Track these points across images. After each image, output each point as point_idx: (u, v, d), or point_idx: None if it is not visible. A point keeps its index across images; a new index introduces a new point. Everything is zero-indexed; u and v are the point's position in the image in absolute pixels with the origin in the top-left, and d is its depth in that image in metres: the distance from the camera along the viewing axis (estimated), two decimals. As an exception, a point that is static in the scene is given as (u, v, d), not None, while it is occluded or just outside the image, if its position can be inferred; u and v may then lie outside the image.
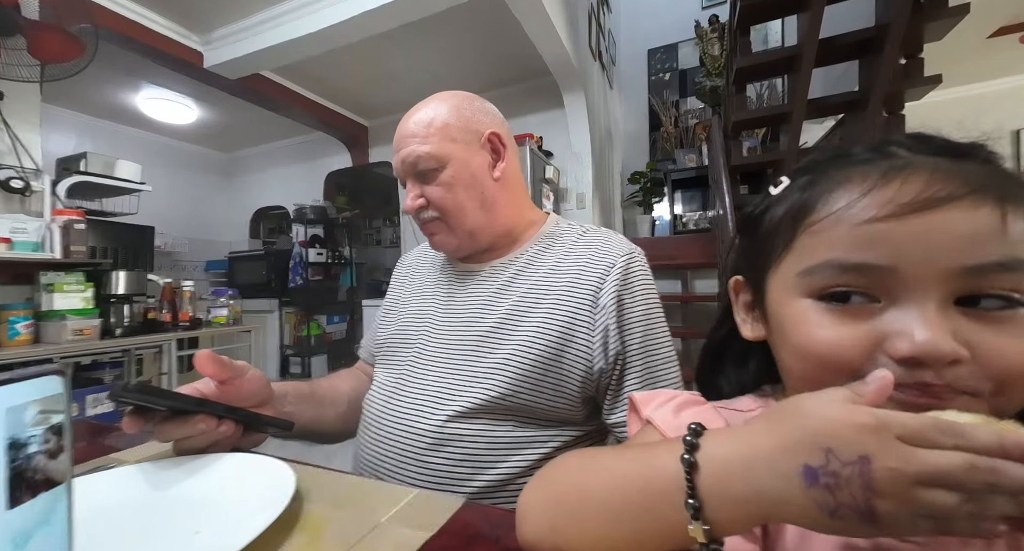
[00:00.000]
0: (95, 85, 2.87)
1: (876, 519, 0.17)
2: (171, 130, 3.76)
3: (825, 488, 0.18)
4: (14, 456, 0.16)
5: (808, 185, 0.28)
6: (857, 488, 0.18)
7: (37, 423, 0.17)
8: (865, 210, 0.24)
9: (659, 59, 4.12)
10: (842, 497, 0.18)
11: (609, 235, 0.60)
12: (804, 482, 0.19)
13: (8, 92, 1.64)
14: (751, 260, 0.32)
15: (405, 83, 3.05)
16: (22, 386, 0.17)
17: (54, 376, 0.18)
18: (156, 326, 1.89)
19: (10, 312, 1.52)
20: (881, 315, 0.24)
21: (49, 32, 1.58)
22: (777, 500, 0.20)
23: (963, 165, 0.24)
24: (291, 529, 0.32)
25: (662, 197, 3.68)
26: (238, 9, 2.28)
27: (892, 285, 0.24)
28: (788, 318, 0.28)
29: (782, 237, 0.29)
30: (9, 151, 1.64)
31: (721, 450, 0.22)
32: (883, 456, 0.18)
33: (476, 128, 0.59)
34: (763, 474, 0.20)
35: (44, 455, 0.17)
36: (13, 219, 1.59)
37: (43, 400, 0.17)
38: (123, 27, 2.15)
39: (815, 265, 0.26)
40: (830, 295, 0.25)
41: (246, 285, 3.70)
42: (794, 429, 0.20)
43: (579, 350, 0.51)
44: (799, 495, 0.19)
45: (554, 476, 0.30)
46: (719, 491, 0.21)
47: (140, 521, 0.34)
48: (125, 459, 0.45)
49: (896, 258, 0.23)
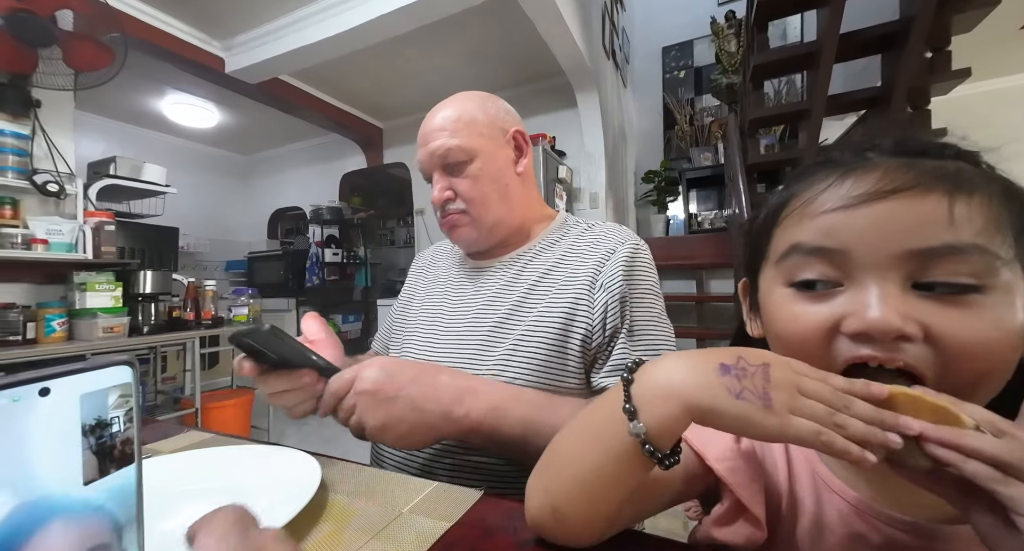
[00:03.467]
0: (123, 91, 2.97)
1: (771, 403, 0.23)
2: (194, 134, 3.87)
3: (735, 377, 0.24)
4: (100, 434, 0.18)
5: (786, 186, 0.32)
6: (759, 379, 0.23)
7: (117, 406, 0.19)
8: (822, 203, 0.28)
9: (674, 57, 4.07)
10: (747, 383, 0.23)
11: (614, 227, 0.61)
12: (719, 372, 0.24)
13: (45, 100, 1.72)
14: (748, 261, 0.35)
15: (418, 85, 3.08)
16: (101, 373, 0.19)
17: (125, 366, 0.20)
18: (180, 324, 1.95)
19: (46, 310, 1.59)
20: (841, 296, 0.27)
21: (82, 42, 1.65)
22: (695, 390, 0.24)
23: (921, 162, 0.26)
24: (318, 518, 0.33)
25: (676, 196, 3.63)
26: (258, 15, 2.33)
27: (850, 269, 0.26)
28: (770, 307, 0.31)
29: (765, 235, 0.32)
30: (45, 156, 1.72)
31: (656, 367, 0.27)
32: (780, 368, 0.24)
33: (501, 125, 0.61)
34: (686, 374, 0.25)
35: (121, 435, 0.19)
36: (49, 221, 1.66)
37: (120, 386, 0.19)
38: (149, 35, 2.22)
39: (784, 251, 0.29)
40: (800, 283, 0.28)
41: (264, 285, 3.79)
42: (716, 349, 0.26)
43: (581, 329, 0.52)
44: (713, 383, 0.24)
45: (545, 453, 0.32)
46: (651, 395, 0.26)
47: (177, 507, 0.36)
48: (160, 450, 0.47)
49: (848, 243, 0.26)
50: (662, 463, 0.25)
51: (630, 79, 4.01)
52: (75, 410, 0.18)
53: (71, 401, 0.17)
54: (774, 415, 0.22)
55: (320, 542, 0.31)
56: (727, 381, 0.23)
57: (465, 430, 0.45)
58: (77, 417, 0.18)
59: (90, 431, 0.18)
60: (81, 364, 0.18)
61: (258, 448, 0.44)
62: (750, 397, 0.23)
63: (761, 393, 0.23)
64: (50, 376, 0.17)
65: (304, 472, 0.37)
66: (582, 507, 0.29)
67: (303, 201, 4.16)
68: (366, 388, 0.43)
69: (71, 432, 0.17)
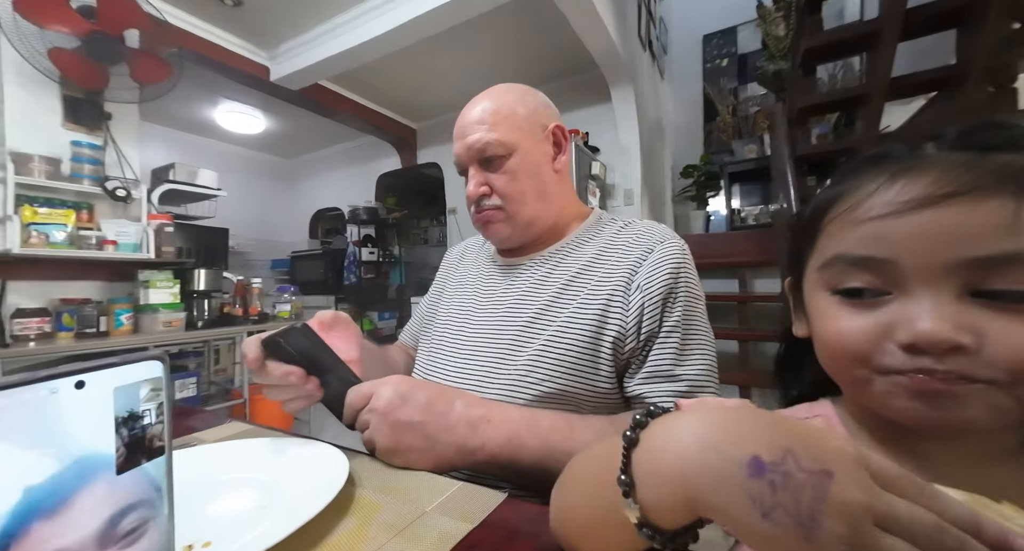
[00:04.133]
0: (180, 102, 3.20)
1: (814, 535, 0.15)
2: (242, 139, 4.12)
3: (769, 484, 0.16)
4: (132, 426, 0.19)
5: (833, 185, 0.30)
6: (807, 496, 0.16)
7: (148, 399, 0.20)
8: (869, 208, 0.26)
9: (716, 45, 3.88)
10: (784, 499, 0.16)
11: (651, 225, 0.59)
12: (747, 471, 0.17)
13: (115, 113, 1.88)
14: (793, 261, 0.33)
15: (450, 85, 3.12)
16: (133, 367, 0.19)
17: (156, 361, 0.20)
18: (230, 319, 2.08)
19: (116, 305, 1.74)
20: (889, 306, 0.25)
21: (146, 58, 1.79)
22: (708, 484, 0.17)
23: (986, 158, 0.24)
24: (344, 512, 0.34)
25: (718, 191, 3.47)
26: (300, 24, 2.44)
27: (899, 278, 0.25)
28: (813, 312, 0.30)
29: (809, 235, 0.30)
30: (115, 164, 1.88)
31: (668, 432, 0.20)
32: (849, 480, 0.16)
33: (540, 120, 0.59)
34: (704, 455, 0.18)
35: (152, 427, 0.20)
36: (118, 224, 1.81)
37: (152, 380, 0.20)
38: (203, 48, 2.38)
39: (828, 259, 0.28)
40: (845, 290, 0.27)
41: (306, 282, 3.97)
42: (762, 423, 0.18)
43: (614, 332, 0.50)
44: (735, 484, 0.17)
45: (558, 482, 0.30)
46: (652, 469, 0.20)
47: (216, 494, 0.37)
48: (204, 439, 0.50)
49: (896, 253, 0.24)
50: (663, 545, 0.20)
51: (668, 70, 3.87)
52: (108, 402, 0.18)
53: (105, 394, 0.18)
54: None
55: (346, 536, 0.31)
56: (755, 487, 0.16)
57: (481, 462, 0.43)
58: (111, 409, 0.18)
59: (123, 423, 0.19)
60: (114, 359, 0.19)
61: (291, 440, 0.45)
62: (783, 519, 0.16)
63: (803, 515, 0.15)
64: (85, 370, 0.18)
65: (333, 466, 0.38)
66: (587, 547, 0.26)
67: (341, 202, 4.33)
68: (378, 406, 0.42)
69: (105, 423, 0.18)
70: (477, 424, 0.43)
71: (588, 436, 0.44)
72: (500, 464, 0.43)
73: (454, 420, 0.43)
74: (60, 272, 1.75)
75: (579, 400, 0.50)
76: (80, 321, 1.64)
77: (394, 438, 0.41)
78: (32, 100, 1.70)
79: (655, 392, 0.49)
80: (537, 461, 0.43)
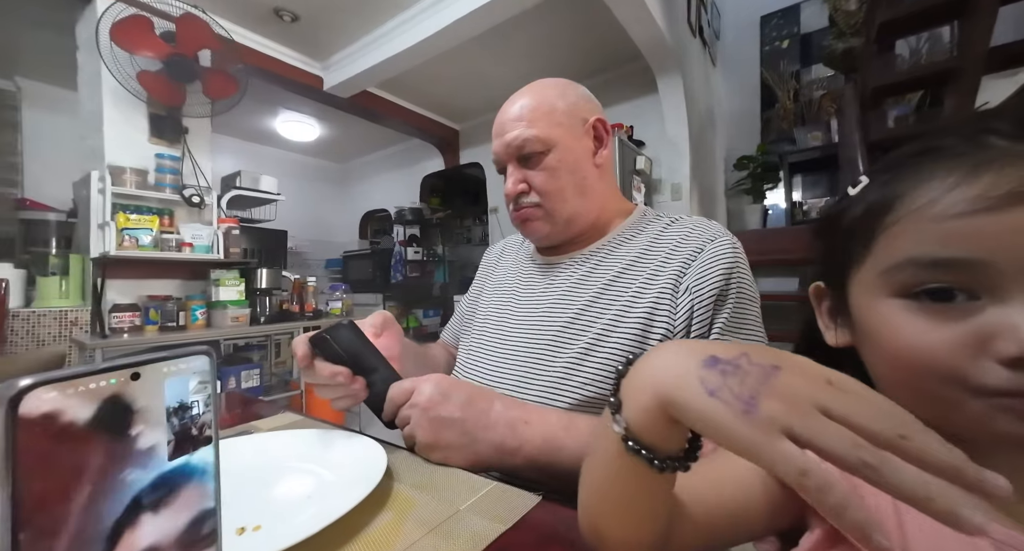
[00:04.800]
0: (243, 114, 3.47)
1: (751, 412, 0.17)
2: (298, 146, 4.40)
3: (720, 371, 0.19)
4: (181, 416, 0.20)
5: (888, 183, 0.27)
6: (751, 380, 0.18)
7: (197, 391, 0.21)
8: (953, 205, 0.23)
9: (775, 26, 3.61)
10: (731, 382, 0.18)
11: (701, 222, 0.55)
12: (702, 364, 0.20)
13: (190, 126, 2.07)
14: (830, 264, 0.31)
15: (491, 84, 3.14)
16: (183, 361, 0.21)
17: (203, 356, 0.21)
18: (289, 315, 2.23)
19: (192, 302, 1.93)
20: (983, 313, 0.22)
21: (216, 75, 1.96)
22: (670, 378, 0.20)
23: None
24: (382, 505, 0.35)
25: (776, 183, 3.23)
26: (350, 35, 2.56)
27: (992, 281, 0.22)
28: (875, 322, 0.26)
29: (860, 238, 0.27)
30: (190, 173, 2.07)
31: (650, 355, 0.23)
32: (796, 372, 0.18)
33: (581, 114, 0.58)
34: (670, 360, 0.21)
35: (201, 417, 0.21)
36: (193, 228, 2.00)
37: (200, 372, 0.21)
38: (264, 62, 2.56)
39: (897, 263, 0.25)
40: (923, 293, 0.24)
41: (356, 281, 4.18)
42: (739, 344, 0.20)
43: (660, 336, 0.48)
44: (691, 373, 0.20)
45: None
46: (635, 385, 0.22)
47: (267, 481, 0.39)
48: (260, 427, 0.53)
49: (992, 253, 0.21)
50: (652, 463, 0.21)
51: (720, 56, 3.66)
52: (160, 393, 0.20)
53: (157, 384, 0.20)
54: (750, 426, 0.17)
55: (383, 529, 0.32)
56: (705, 374, 0.19)
57: (518, 464, 0.43)
58: (163, 399, 0.20)
59: (173, 412, 0.20)
60: (165, 352, 0.20)
61: (335, 433, 0.47)
62: (726, 397, 0.18)
63: (744, 396, 0.18)
64: (140, 363, 0.19)
65: (373, 459, 0.39)
66: (615, 526, 0.26)
67: (388, 203, 4.51)
68: (419, 401, 0.43)
69: (158, 412, 0.20)
70: (516, 425, 0.43)
71: None
72: (537, 466, 0.43)
73: (493, 419, 0.43)
74: (147, 271, 1.96)
75: None
76: (163, 316, 1.83)
77: (434, 433, 0.42)
78: (124, 119, 1.92)
79: None
80: (574, 465, 0.41)
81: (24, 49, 2.57)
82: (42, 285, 1.80)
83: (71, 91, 2.16)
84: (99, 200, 1.77)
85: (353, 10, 2.31)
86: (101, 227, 1.76)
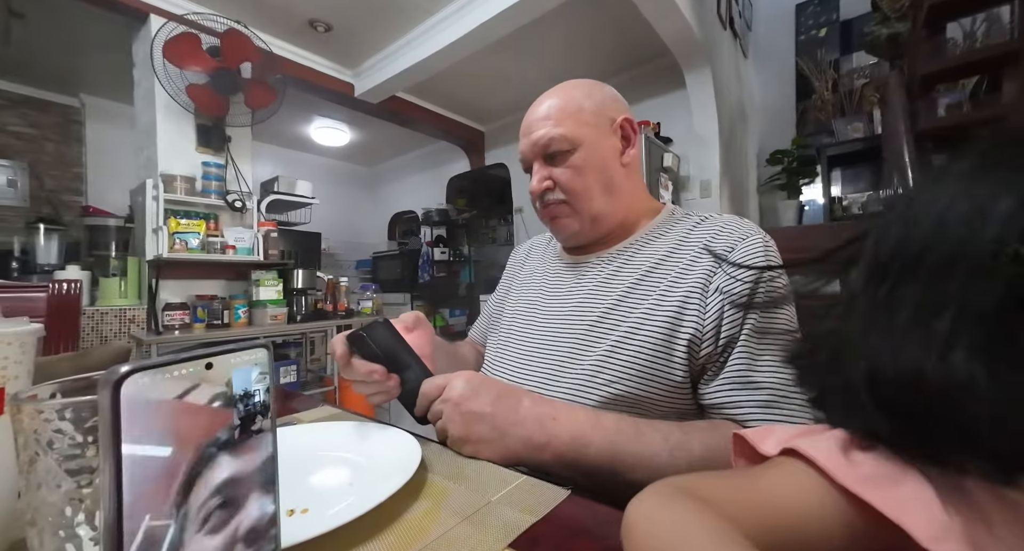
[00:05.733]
0: (280, 122, 3.63)
1: None
2: (330, 151, 4.56)
3: None
4: (246, 403, 0.23)
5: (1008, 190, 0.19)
6: None
7: (258, 381, 0.23)
8: None
9: (811, 13, 3.44)
10: None
11: (731, 220, 0.54)
12: None
13: (233, 135, 2.20)
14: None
15: (516, 86, 3.16)
16: (246, 353, 0.23)
17: (262, 349, 0.24)
18: (323, 314, 2.32)
19: (235, 301, 2.04)
20: None
21: (256, 86, 2.07)
22: None
23: None
24: (417, 494, 0.37)
25: (813, 178, 3.08)
26: (379, 42, 2.64)
27: None
28: None
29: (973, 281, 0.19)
30: (233, 179, 2.20)
31: None
32: None
33: (608, 114, 0.58)
34: None
35: (262, 405, 0.23)
36: (235, 231, 2.12)
37: (260, 364, 0.24)
38: (299, 72, 2.68)
39: None
40: None
41: (385, 281, 4.29)
42: None
43: (688, 336, 0.47)
44: None
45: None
46: None
47: (312, 468, 0.42)
48: (302, 419, 0.57)
49: None
50: None
51: (752, 47, 3.53)
52: (229, 380, 0.22)
53: (226, 374, 0.22)
54: None
55: (419, 516, 0.33)
56: None
57: (547, 459, 0.43)
58: (231, 386, 0.22)
59: (239, 399, 0.22)
60: (232, 345, 0.22)
61: (373, 425, 0.49)
62: None
63: None
64: (212, 354, 0.21)
65: (408, 451, 0.41)
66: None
67: (416, 205, 4.60)
68: (452, 396, 0.45)
69: (228, 397, 0.22)
70: (544, 421, 0.44)
71: (655, 438, 0.43)
72: (565, 462, 0.43)
73: (522, 415, 0.44)
74: (195, 273, 2.09)
75: (649, 404, 0.49)
76: (210, 314, 1.94)
77: (465, 427, 0.43)
78: (175, 130, 2.06)
79: (735, 401, 0.45)
80: (602, 461, 0.42)
81: (87, 67, 2.80)
82: (104, 285, 1.96)
83: (128, 105, 2.34)
84: (153, 206, 1.91)
85: (382, 18, 2.38)
86: (155, 231, 1.89)
